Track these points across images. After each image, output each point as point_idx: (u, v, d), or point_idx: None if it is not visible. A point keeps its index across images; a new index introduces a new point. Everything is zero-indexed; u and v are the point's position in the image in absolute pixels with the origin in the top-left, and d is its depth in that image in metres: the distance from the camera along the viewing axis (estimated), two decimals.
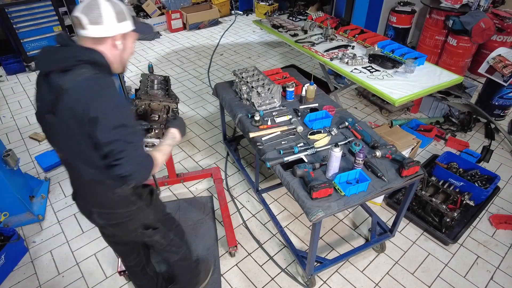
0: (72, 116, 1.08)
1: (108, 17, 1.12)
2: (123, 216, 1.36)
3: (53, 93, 1.10)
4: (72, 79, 1.08)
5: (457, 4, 3.92)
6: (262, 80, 2.43)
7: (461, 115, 3.44)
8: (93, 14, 1.10)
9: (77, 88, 1.08)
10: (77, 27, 1.12)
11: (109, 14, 1.12)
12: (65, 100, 1.08)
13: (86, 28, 1.11)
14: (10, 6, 4.31)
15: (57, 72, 1.10)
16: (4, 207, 2.46)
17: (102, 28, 1.12)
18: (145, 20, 5.97)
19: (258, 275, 2.21)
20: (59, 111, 1.10)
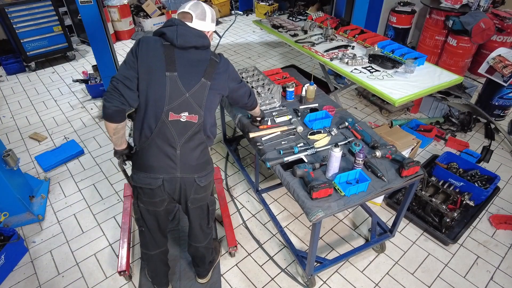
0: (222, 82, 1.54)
1: (208, 18, 1.51)
2: (211, 174, 1.66)
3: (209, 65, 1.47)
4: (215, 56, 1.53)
5: (457, 4, 3.92)
6: (262, 80, 2.43)
7: (461, 115, 3.44)
8: (199, 13, 1.48)
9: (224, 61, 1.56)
10: (185, 19, 1.47)
11: (209, 15, 1.51)
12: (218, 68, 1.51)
13: (193, 22, 1.47)
14: (10, 6, 4.31)
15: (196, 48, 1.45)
16: (4, 207, 2.46)
17: (204, 23, 1.50)
18: (145, 20, 5.97)
19: (258, 275, 2.21)
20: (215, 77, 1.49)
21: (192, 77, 1.43)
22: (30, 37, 4.60)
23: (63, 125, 3.68)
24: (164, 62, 1.40)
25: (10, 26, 4.39)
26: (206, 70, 1.46)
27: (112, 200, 2.75)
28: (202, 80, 1.44)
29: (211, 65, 1.48)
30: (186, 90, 1.42)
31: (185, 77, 1.42)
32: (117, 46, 5.55)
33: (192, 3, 1.49)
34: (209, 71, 1.47)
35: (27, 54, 4.66)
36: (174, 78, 1.40)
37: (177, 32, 1.40)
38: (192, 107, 1.44)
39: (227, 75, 1.56)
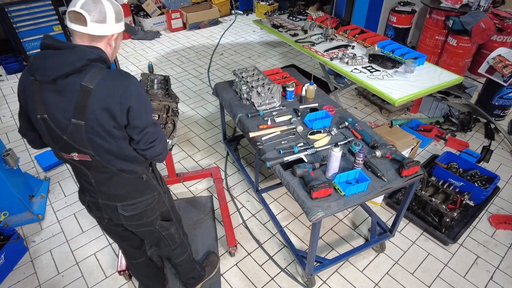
0: (105, 113, 1.12)
1: (110, 17, 1.15)
2: (147, 203, 1.44)
3: (76, 96, 1.10)
4: (93, 78, 1.10)
5: (457, 4, 3.92)
6: (262, 80, 2.43)
7: (461, 115, 3.44)
8: (96, 12, 1.11)
9: (104, 86, 1.11)
10: (77, 22, 1.11)
11: (111, 13, 1.15)
12: (95, 99, 1.10)
13: (87, 26, 1.11)
14: (10, 6, 4.30)
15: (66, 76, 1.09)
16: (4, 207, 2.46)
17: (104, 27, 1.15)
18: (145, 19, 5.97)
19: (258, 275, 2.21)
20: (89, 111, 1.11)
21: (63, 117, 1.13)
22: (30, 37, 4.59)
23: None
24: (34, 103, 1.14)
25: (10, 25, 4.39)
26: (76, 106, 1.10)
27: None
28: (73, 121, 1.12)
29: (83, 96, 1.10)
30: (62, 132, 1.16)
31: (56, 118, 1.14)
32: None
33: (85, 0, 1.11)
34: (79, 107, 1.10)
35: (27, 53, 4.65)
36: (46, 121, 1.16)
37: (33, 64, 1.10)
38: (77, 148, 1.19)
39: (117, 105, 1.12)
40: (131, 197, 1.40)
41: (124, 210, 1.40)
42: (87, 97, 1.10)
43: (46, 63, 1.09)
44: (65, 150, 1.22)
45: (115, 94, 1.12)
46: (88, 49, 1.13)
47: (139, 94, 1.17)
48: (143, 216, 1.46)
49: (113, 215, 1.44)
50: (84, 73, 1.10)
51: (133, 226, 1.51)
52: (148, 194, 1.44)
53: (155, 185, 1.47)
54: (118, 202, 1.39)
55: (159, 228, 1.57)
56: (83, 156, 1.22)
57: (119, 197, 1.38)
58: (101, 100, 1.11)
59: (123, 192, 1.37)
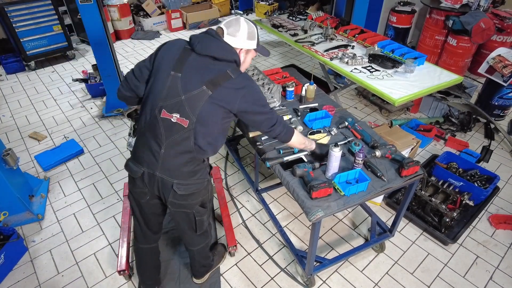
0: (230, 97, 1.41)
1: (241, 34, 1.47)
2: (197, 187, 1.57)
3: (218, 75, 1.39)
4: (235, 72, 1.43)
5: (457, 4, 3.92)
6: (262, 79, 2.43)
7: (461, 115, 3.45)
8: (232, 28, 1.46)
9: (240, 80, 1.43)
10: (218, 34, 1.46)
11: (243, 31, 1.47)
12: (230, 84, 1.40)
13: (224, 37, 1.45)
14: (10, 5, 4.30)
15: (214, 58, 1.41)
16: (4, 207, 2.46)
17: (235, 40, 1.47)
18: (145, 19, 5.97)
19: (258, 275, 2.21)
20: (220, 88, 1.39)
21: (195, 82, 1.39)
22: (30, 36, 4.60)
23: (62, 125, 3.68)
24: (175, 62, 1.42)
25: (9, 25, 4.39)
26: (212, 80, 1.39)
27: (112, 200, 2.75)
28: (203, 87, 1.38)
29: (222, 77, 1.40)
30: (184, 92, 1.39)
31: (187, 80, 1.39)
32: (117, 46, 5.54)
33: (230, 19, 1.49)
34: (215, 81, 1.39)
35: (27, 53, 4.66)
36: (176, 79, 1.40)
37: (199, 38, 1.43)
38: (184, 110, 1.39)
39: (242, 94, 1.44)
40: (188, 177, 1.52)
41: (178, 188, 1.51)
42: (226, 80, 1.40)
43: (209, 43, 1.42)
44: (169, 108, 1.41)
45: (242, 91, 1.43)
46: (235, 51, 1.48)
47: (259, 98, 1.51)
48: (190, 197, 1.57)
49: (165, 191, 1.53)
50: (227, 65, 1.43)
51: (176, 205, 1.59)
52: (201, 178, 1.57)
53: (207, 173, 1.64)
54: (175, 179, 1.50)
55: (196, 212, 1.66)
56: (183, 120, 1.40)
57: (178, 174, 1.50)
58: (233, 88, 1.41)
59: (184, 169, 1.50)
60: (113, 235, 2.46)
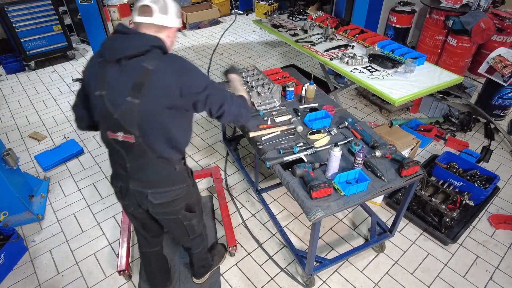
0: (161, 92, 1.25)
1: (172, 11, 1.32)
2: (175, 193, 1.49)
3: (137, 76, 1.23)
4: (152, 61, 1.24)
5: (457, 4, 3.92)
6: (262, 79, 2.43)
7: (461, 115, 3.44)
8: (162, 5, 1.29)
9: (162, 67, 1.25)
10: (144, 14, 1.27)
11: (172, 8, 1.32)
12: (153, 79, 1.23)
13: (153, 16, 1.28)
14: (10, 5, 4.30)
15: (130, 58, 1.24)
16: (4, 207, 2.46)
17: (166, 18, 1.31)
18: None
19: (258, 275, 2.21)
20: (146, 90, 1.23)
21: (119, 96, 1.24)
22: (30, 36, 4.59)
23: (62, 124, 3.68)
24: (97, 81, 1.28)
25: (9, 25, 4.39)
26: (134, 85, 1.22)
27: (112, 200, 2.75)
28: (128, 99, 1.23)
29: (141, 76, 1.22)
30: (114, 110, 1.26)
31: (111, 96, 1.26)
32: None
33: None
34: (138, 85, 1.22)
35: (27, 53, 4.66)
36: (102, 98, 1.27)
37: (106, 44, 1.27)
38: (124, 127, 1.27)
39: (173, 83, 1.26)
40: (162, 185, 1.46)
41: (153, 198, 1.45)
42: (145, 76, 1.23)
43: (115, 44, 1.26)
44: (112, 129, 1.31)
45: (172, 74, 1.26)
46: (153, 37, 1.28)
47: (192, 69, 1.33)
48: (170, 205, 1.52)
49: (142, 202, 1.49)
50: (146, 56, 1.24)
51: (159, 214, 1.57)
52: (178, 184, 1.50)
53: (186, 177, 1.54)
54: (149, 189, 1.44)
55: (182, 218, 1.62)
56: (128, 136, 1.30)
57: (151, 184, 1.44)
58: (159, 79, 1.24)
59: (155, 179, 1.43)
60: (113, 235, 2.46)
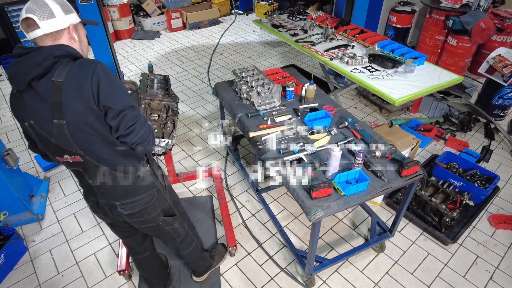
0: (80, 105, 1.12)
1: (56, 10, 1.14)
2: (145, 201, 1.43)
3: (51, 95, 1.10)
4: (61, 72, 1.10)
5: (457, 4, 3.92)
6: (262, 79, 2.43)
7: (461, 115, 3.44)
8: (42, 11, 1.11)
9: (72, 76, 1.11)
10: (30, 28, 1.11)
11: (56, 7, 1.14)
12: (67, 92, 1.10)
13: (40, 26, 1.11)
14: (10, 5, 4.31)
15: (39, 78, 1.10)
16: (4, 207, 2.47)
17: (55, 21, 1.14)
18: (145, 19, 5.97)
19: (258, 275, 2.21)
20: (65, 107, 1.11)
21: (45, 121, 1.14)
22: None
23: None
24: (21, 112, 1.18)
25: (9, 25, 4.39)
26: (53, 105, 1.10)
27: None
28: (54, 121, 1.12)
29: (55, 93, 1.09)
30: (49, 135, 1.17)
31: (39, 123, 1.16)
32: (117, 46, 5.54)
33: (28, 3, 1.11)
34: (56, 104, 1.10)
35: None
36: (33, 127, 1.18)
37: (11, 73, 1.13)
38: (66, 150, 1.20)
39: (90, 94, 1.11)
40: (128, 196, 1.39)
41: (123, 209, 1.41)
42: (59, 92, 1.10)
43: (17, 71, 1.11)
44: (57, 153, 1.23)
45: (84, 82, 1.11)
46: (54, 47, 1.13)
47: (107, 78, 1.15)
48: (143, 213, 1.46)
49: (114, 214, 1.45)
50: (53, 70, 1.11)
51: (135, 223, 1.53)
52: (145, 192, 1.43)
53: (153, 181, 1.46)
54: (117, 201, 1.39)
55: (163, 224, 1.58)
56: (74, 157, 1.22)
57: (116, 196, 1.38)
58: (73, 92, 1.11)
59: (119, 191, 1.37)
60: (113, 235, 2.46)
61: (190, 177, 2.87)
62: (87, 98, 1.11)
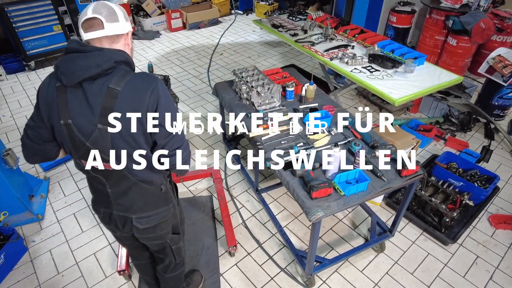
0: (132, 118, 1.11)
1: (120, 15, 1.16)
2: (161, 216, 1.41)
3: (104, 100, 1.09)
4: (120, 81, 1.10)
5: (457, 4, 3.92)
6: (262, 79, 2.43)
7: (461, 115, 3.44)
8: (109, 13, 1.13)
9: (132, 88, 1.11)
10: (94, 28, 1.11)
11: (120, 12, 1.17)
12: (122, 102, 1.10)
13: (104, 27, 1.12)
14: (10, 5, 4.30)
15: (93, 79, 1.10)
16: (4, 207, 2.46)
17: (118, 25, 1.15)
18: (145, 19, 5.97)
19: (258, 275, 2.21)
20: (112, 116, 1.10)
21: (86, 124, 1.13)
22: (30, 36, 4.60)
23: None
24: (58, 109, 1.13)
25: (9, 25, 4.39)
26: (102, 110, 1.10)
27: None
28: (98, 126, 1.11)
29: (109, 100, 1.09)
30: (85, 139, 1.15)
31: (79, 125, 1.13)
32: None
33: (94, 4, 1.12)
34: (106, 110, 1.10)
35: (27, 53, 4.66)
36: (70, 127, 1.14)
37: (62, 67, 1.10)
38: (100, 155, 1.18)
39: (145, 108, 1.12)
40: (147, 209, 1.36)
41: (139, 223, 1.37)
42: (113, 100, 1.09)
43: (73, 66, 1.08)
44: (86, 157, 1.19)
45: (143, 97, 1.11)
46: (115, 51, 1.13)
47: (166, 98, 1.17)
48: (156, 229, 1.43)
49: (127, 227, 1.40)
50: (111, 75, 1.11)
51: (145, 239, 1.48)
52: (164, 206, 1.41)
53: (172, 196, 1.45)
54: (133, 214, 1.35)
55: (170, 242, 1.56)
56: (105, 165, 1.20)
57: (135, 208, 1.34)
58: (128, 103, 1.10)
59: (140, 203, 1.34)
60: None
61: (190, 177, 2.87)
62: (140, 109, 1.12)
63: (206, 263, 2.23)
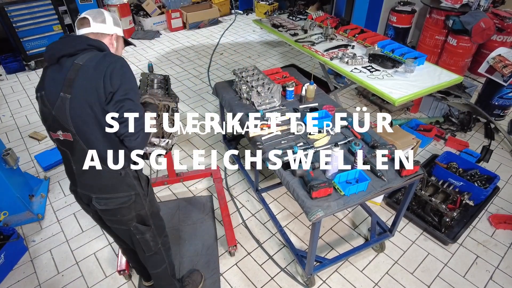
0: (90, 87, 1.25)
1: (108, 20, 1.43)
2: (121, 201, 1.43)
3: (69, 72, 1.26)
4: (87, 57, 1.28)
5: (457, 4, 3.91)
6: (262, 79, 2.43)
7: (461, 115, 3.44)
8: (97, 15, 1.40)
9: (93, 62, 1.27)
10: (83, 26, 1.37)
11: (109, 18, 1.44)
12: (83, 74, 1.25)
13: (91, 26, 1.37)
14: (10, 5, 4.30)
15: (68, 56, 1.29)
16: (4, 206, 2.46)
17: (104, 26, 1.41)
18: (145, 19, 5.97)
19: (258, 275, 2.21)
20: (76, 85, 1.25)
21: (54, 92, 1.28)
22: (30, 36, 4.60)
23: None
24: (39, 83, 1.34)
25: (9, 25, 4.39)
26: (65, 80, 1.25)
27: None
28: (61, 94, 1.25)
29: (73, 72, 1.25)
30: (51, 107, 1.28)
31: (48, 93, 1.29)
32: None
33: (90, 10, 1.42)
34: (69, 80, 1.25)
35: (27, 53, 4.66)
36: (43, 97, 1.31)
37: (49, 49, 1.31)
38: (61, 125, 1.29)
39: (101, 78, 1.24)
40: (106, 191, 1.41)
41: (97, 203, 1.42)
42: (76, 72, 1.26)
43: (54, 47, 1.31)
44: (52, 128, 1.33)
45: (101, 68, 1.26)
46: (91, 38, 1.36)
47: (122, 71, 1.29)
48: (116, 213, 1.46)
49: (91, 206, 1.45)
50: (82, 54, 1.29)
51: (108, 221, 1.52)
52: (123, 191, 1.43)
53: (134, 184, 1.46)
54: (93, 194, 1.42)
55: (134, 230, 1.54)
56: (66, 135, 1.31)
57: (94, 188, 1.41)
58: (88, 75, 1.25)
59: (99, 184, 1.40)
60: None
61: (190, 177, 2.87)
62: (96, 80, 1.24)
63: (206, 263, 2.23)
